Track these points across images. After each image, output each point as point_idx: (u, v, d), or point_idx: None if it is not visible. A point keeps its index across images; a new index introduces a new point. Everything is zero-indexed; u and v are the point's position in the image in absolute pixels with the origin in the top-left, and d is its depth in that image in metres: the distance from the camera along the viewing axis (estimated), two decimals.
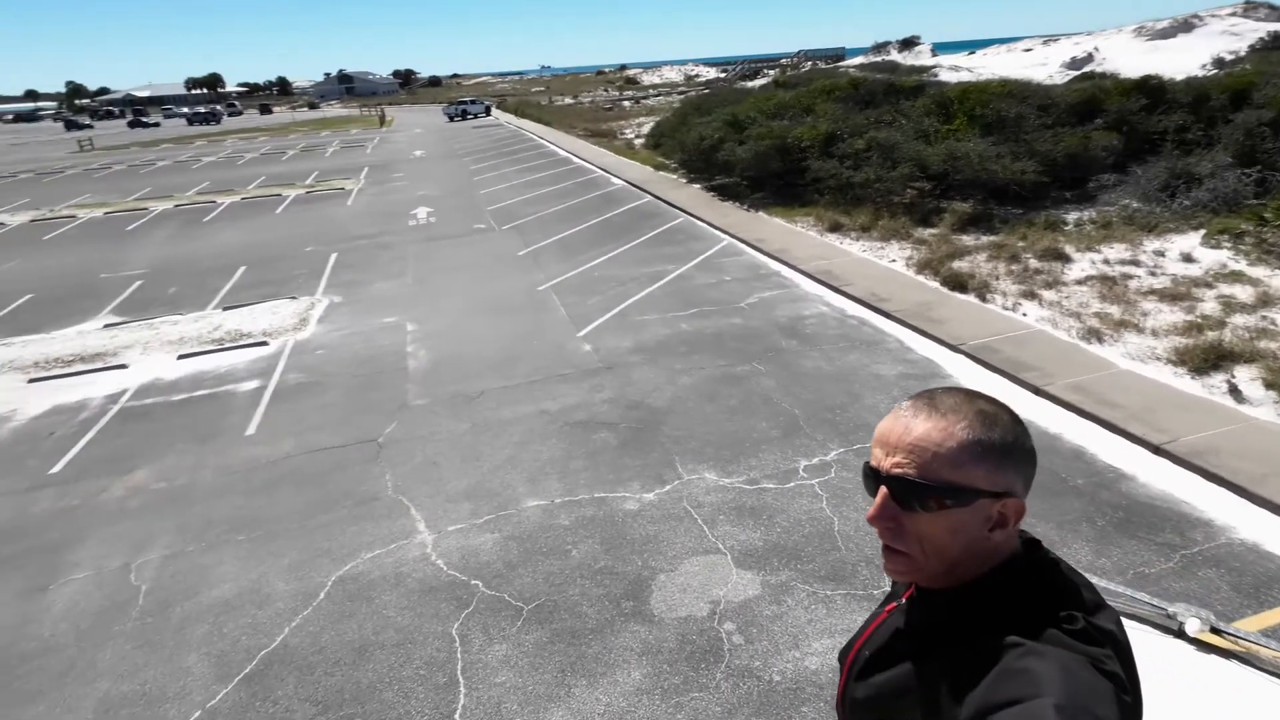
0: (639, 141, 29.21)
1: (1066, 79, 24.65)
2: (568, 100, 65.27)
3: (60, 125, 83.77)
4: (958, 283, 10.05)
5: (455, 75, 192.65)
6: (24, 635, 4.95)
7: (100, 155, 43.33)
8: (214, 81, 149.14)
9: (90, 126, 75.52)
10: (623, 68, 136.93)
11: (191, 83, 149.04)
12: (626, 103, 56.00)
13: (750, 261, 12.56)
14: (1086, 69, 29.67)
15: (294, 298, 12.38)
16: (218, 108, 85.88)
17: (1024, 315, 8.98)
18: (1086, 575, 1.16)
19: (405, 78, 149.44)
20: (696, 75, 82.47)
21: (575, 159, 26.91)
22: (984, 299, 9.60)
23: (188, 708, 4.25)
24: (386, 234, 16.91)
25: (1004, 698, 0.94)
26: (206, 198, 24.28)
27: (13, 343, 11.16)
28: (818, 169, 15.36)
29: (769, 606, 4.69)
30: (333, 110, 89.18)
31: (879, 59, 50.92)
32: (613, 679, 4.23)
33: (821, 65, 55.32)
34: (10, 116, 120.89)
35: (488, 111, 58.34)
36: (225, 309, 12.05)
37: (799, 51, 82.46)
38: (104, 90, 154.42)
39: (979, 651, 1.02)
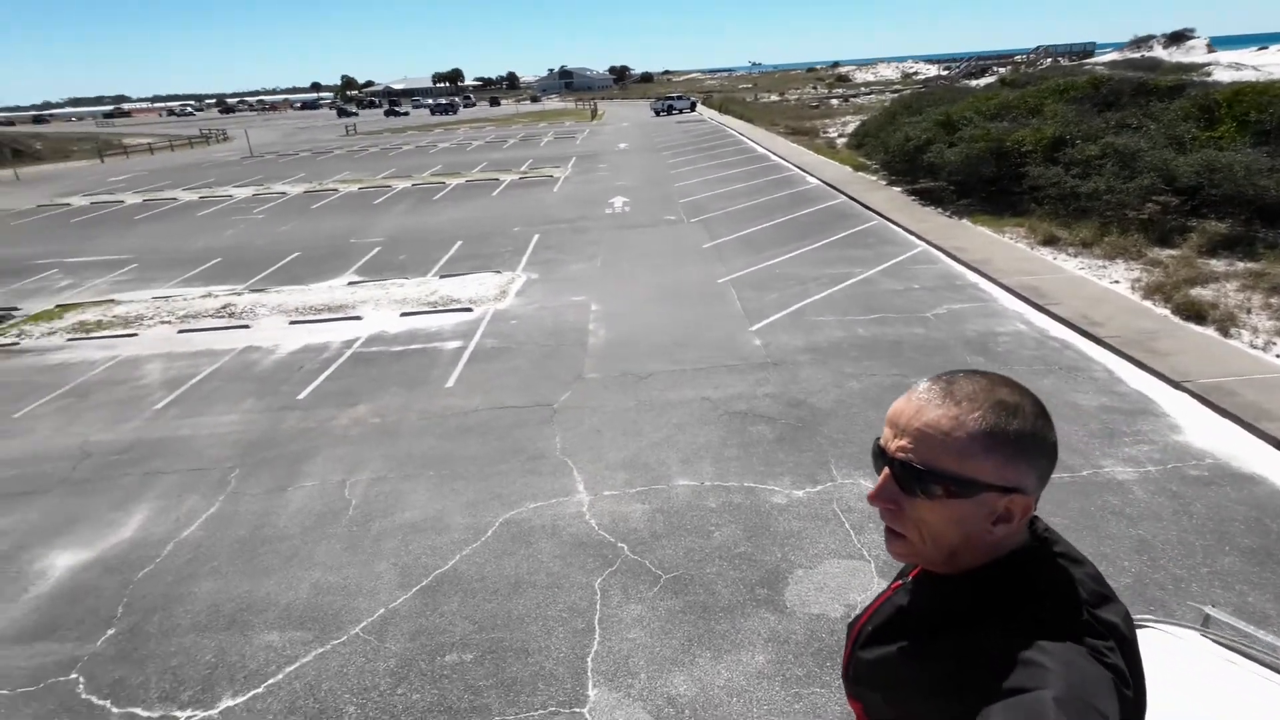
0: (841, 141, 28.32)
1: None
2: (773, 97, 64.64)
3: (334, 113, 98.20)
4: (1194, 312, 8.74)
5: (667, 72, 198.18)
6: (266, 523, 6.09)
7: (360, 139, 50.29)
8: (455, 76, 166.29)
9: (356, 114, 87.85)
10: (835, 65, 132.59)
11: (437, 77, 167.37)
12: (834, 100, 54.33)
13: (944, 270, 11.81)
14: None
15: (498, 271, 13.68)
16: (456, 100, 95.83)
17: (1277, 357, 7.63)
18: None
19: (619, 73, 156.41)
20: (915, 72, 77.79)
21: (773, 156, 26.72)
22: (1226, 333, 8.27)
23: (375, 604, 5.02)
24: (584, 219, 18.03)
25: (1004, 688, 0.93)
26: (438, 179, 27.37)
27: (282, 290, 13.49)
28: (1038, 176, 14.00)
29: None
30: (552, 104, 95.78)
31: (1137, 55, 44.67)
32: (736, 657, 4.35)
33: (1063, 62, 49.67)
34: (299, 105, 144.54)
35: (693, 107, 59.48)
36: (442, 277, 13.63)
37: (1038, 47, 74.29)
38: (370, 83, 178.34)
39: (980, 640, 1.00)
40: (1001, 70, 53.14)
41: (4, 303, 13.89)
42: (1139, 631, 1.08)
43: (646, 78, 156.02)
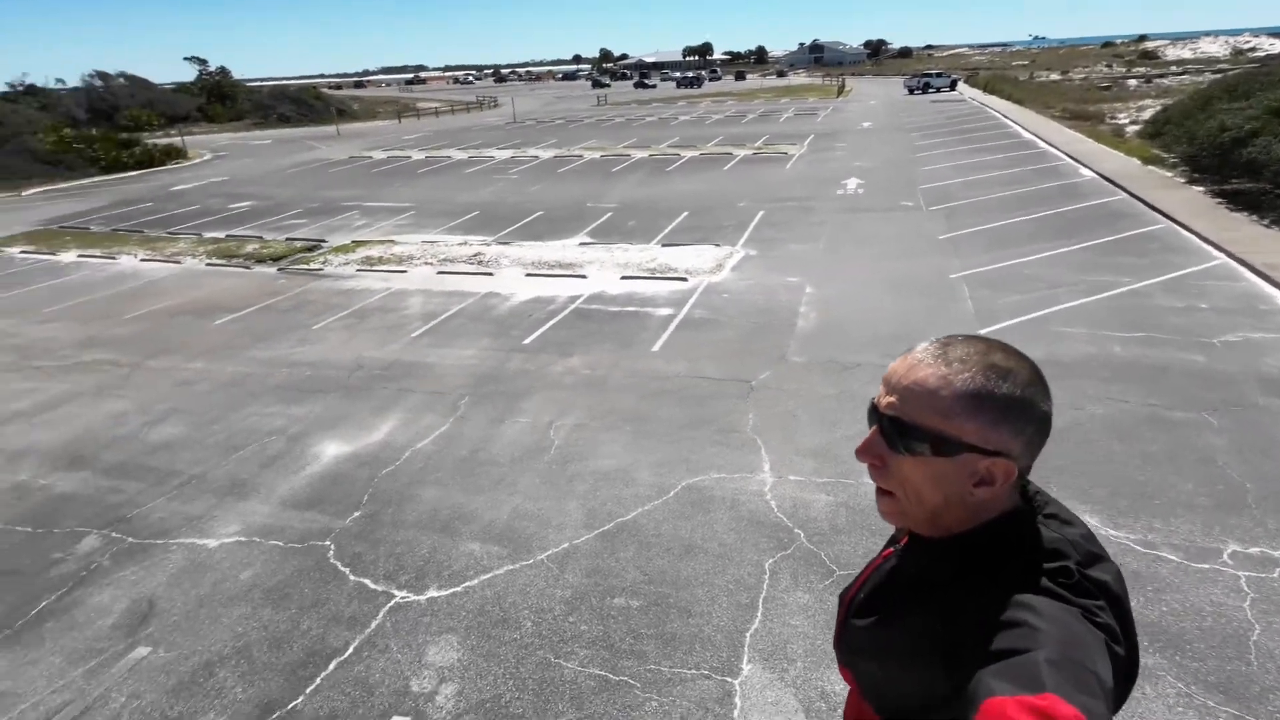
0: (1132, 129, 24.29)
1: None
2: (1052, 76, 56.98)
3: (589, 84, 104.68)
4: None
5: (928, 46, 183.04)
6: (483, 448, 6.88)
7: (609, 110, 53.17)
8: (704, 50, 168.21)
9: (608, 86, 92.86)
10: (1141, 39, 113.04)
11: (687, 51, 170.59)
12: (1131, 81, 46.52)
13: (1247, 290, 9.75)
14: None
15: (717, 245, 13.83)
16: (701, 73, 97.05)
17: None
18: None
19: (875, 48, 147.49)
20: (1250, 48, 63.83)
21: (1040, 143, 23.71)
22: None
23: (561, 537, 5.47)
24: (813, 200, 17.50)
25: (994, 650, 0.93)
26: (674, 151, 28.13)
27: (523, 245, 14.88)
28: None
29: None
30: (798, 79, 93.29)
31: None
32: None
33: None
34: (560, 76, 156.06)
35: (952, 86, 54.45)
36: (663, 245, 14.10)
37: None
38: (624, 56, 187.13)
39: (970, 603, 1.01)
40: None
41: (317, 235, 16.95)
42: None
43: (904, 53, 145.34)
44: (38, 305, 12.64)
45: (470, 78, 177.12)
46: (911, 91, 53.61)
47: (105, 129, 40.31)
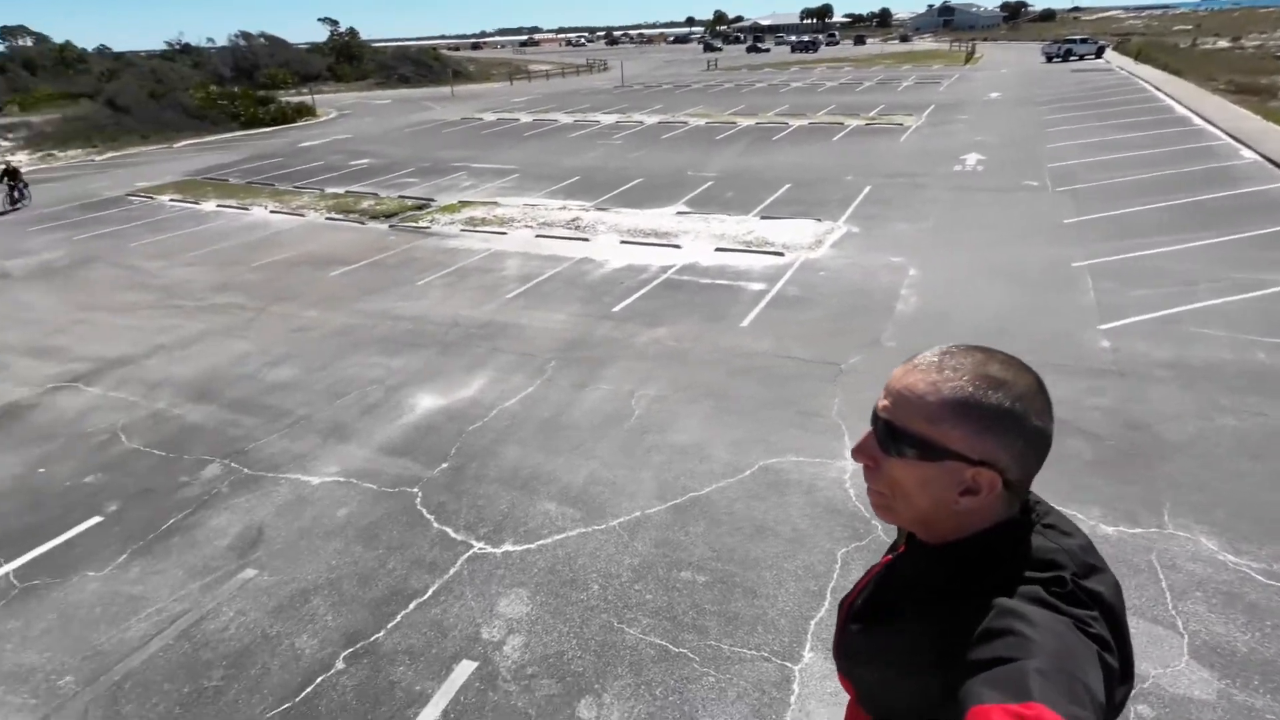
0: None
1: None
2: (1220, 43, 50.90)
3: (700, 47, 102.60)
4: None
5: (1075, 9, 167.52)
6: (565, 412, 7.05)
7: (718, 74, 52.01)
8: (823, 12, 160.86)
9: (720, 49, 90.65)
10: None
11: (805, 13, 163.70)
12: None
13: None
14: None
15: (818, 220, 13.37)
16: (819, 37, 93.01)
17: None
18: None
19: (1013, 10, 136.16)
20: None
21: (1196, 119, 21.35)
22: None
23: (633, 506, 5.55)
24: (926, 176, 16.56)
25: (986, 658, 0.94)
26: (781, 119, 27.26)
27: (621, 212, 14.92)
28: None
29: (1213, 717, 3.64)
30: (923, 44, 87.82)
31: None
32: None
33: None
34: (671, 39, 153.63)
35: (1099, 53, 49.69)
36: (762, 218, 13.78)
37: None
38: (739, 18, 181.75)
39: (963, 611, 1.01)
40: None
41: (426, 194, 17.65)
42: None
43: (1047, 15, 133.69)
44: (182, 249, 13.88)
45: (582, 40, 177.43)
46: (1050, 59, 49.29)
47: (246, 86, 43.30)
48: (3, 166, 18.64)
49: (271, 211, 16.81)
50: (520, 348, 8.59)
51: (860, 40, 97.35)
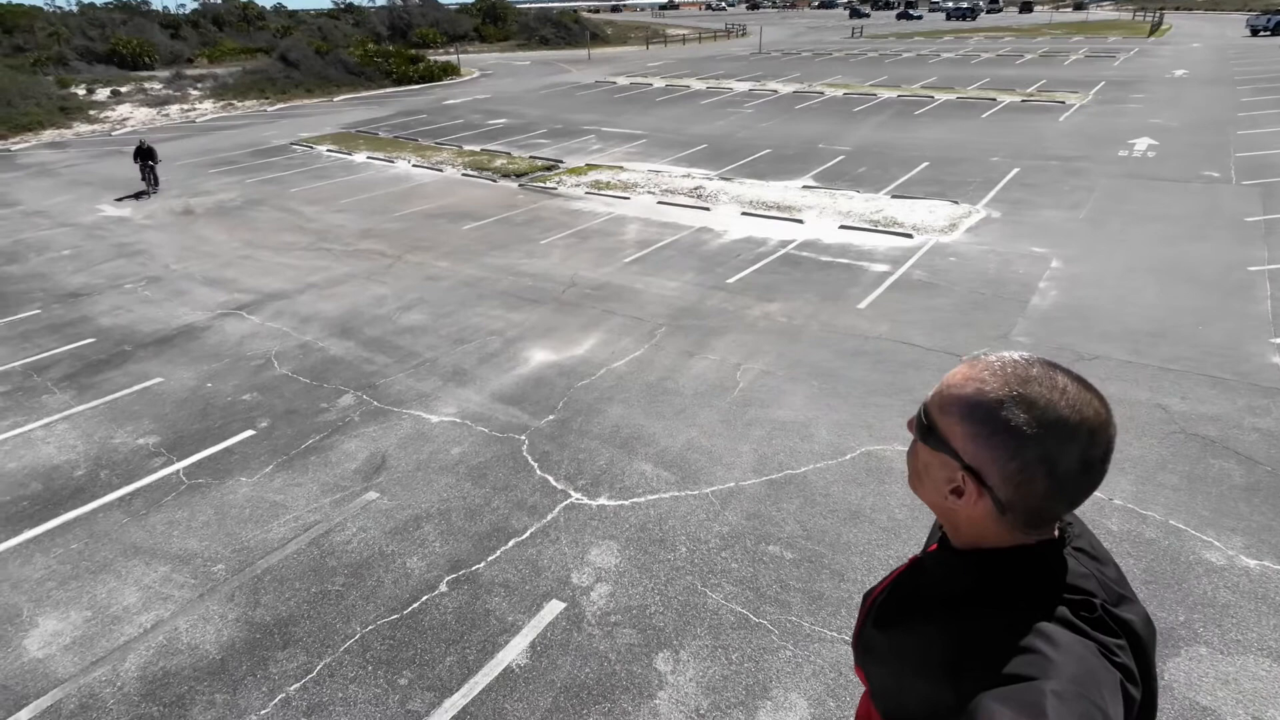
0: None
1: None
2: None
3: (846, 13, 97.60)
4: None
5: None
6: (670, 378, 7.15)
7: (862, 43, 49.40)
8: None
9: (867, 16, 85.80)
10: None
11: None
12: None
13: None
14: None
15: (955, 202, 12.59)
16: (979, 3, 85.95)
17: None
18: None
19: None
20: None
21: None
22: None
23: (729, 476, 5.60)
24: (1085, 160, 15.13)
25: (1003, 673, 0.92)
26: (927, 92, 25.64)
27: (744, 183, 14.69)
28: None
29: None
30: (1100, 13, 79.21)
31: None
32: None
33: None
34: (816, 3, 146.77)
35: None
36: (893, 196, 13.15)
37: None
38: None
39: (986, 623, 1.00)
40: None
41: (555, 155, 18.11)
42: None
43: None
44: (335, 197, 15.07)
45: (722, 4, 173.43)
46: (1256, 33, 43.14)
47: (399, 45, 45.78)
48: (138, 143, 15.74)
49: (414, 165, 17.85)
50: (633, 311, 8.75)
51: (1027, 8, 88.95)
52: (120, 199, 15.38)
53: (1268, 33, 42.62)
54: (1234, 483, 5.27)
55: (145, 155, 15.39)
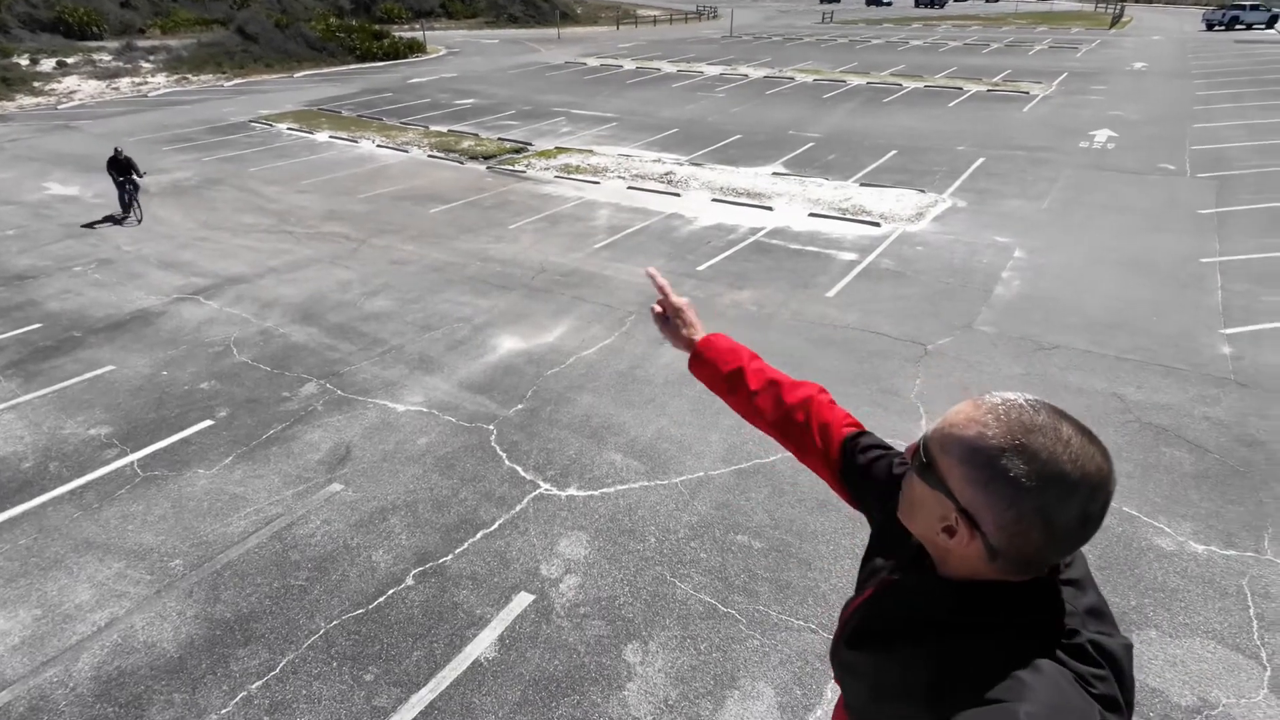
0: None
1: None
2: None
3: None
4: None
5: None
6: (641, 366, 7.13)
7: (833, 28, 49.49)
8: None
9: (838, 1, 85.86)
10: None
11: None
12: None
13: None
14: None
15: (922, 191, 12.73)
16: None
17: None
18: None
19: None
20: None
21: None
22: None
23: (698, 466, 5.62)
24: (1048, 150, 15.41)
25: (981, 696, 0.93)
26: (895, 80, 25.81)
27: (715, 169, 14.66)
28: None
29: None
30: (1063, 4, 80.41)
31: None
32: None
33: None
34: None
35: (1270, 23, 44.12)
36: (862, 184, 13.24)
37: None
38: None
39: (966, 649, 1.01)
40: None
41: (524, 138, 17.84)
42: None
43: None
44: (297, 177, 14.65)
45: None
46: (1211, 27, 44.28)
47: (363, 20, 44.51)
48: (112, 152, 11.68)
49: (378, 145, 17.44)
50: (603, 299, 8.70)
51: None
52: (91, 224, 11.91)
53: (1222, 27, 43.78)
54: (1185, 470, 5.45)
55: (121, 168, 11.62)
